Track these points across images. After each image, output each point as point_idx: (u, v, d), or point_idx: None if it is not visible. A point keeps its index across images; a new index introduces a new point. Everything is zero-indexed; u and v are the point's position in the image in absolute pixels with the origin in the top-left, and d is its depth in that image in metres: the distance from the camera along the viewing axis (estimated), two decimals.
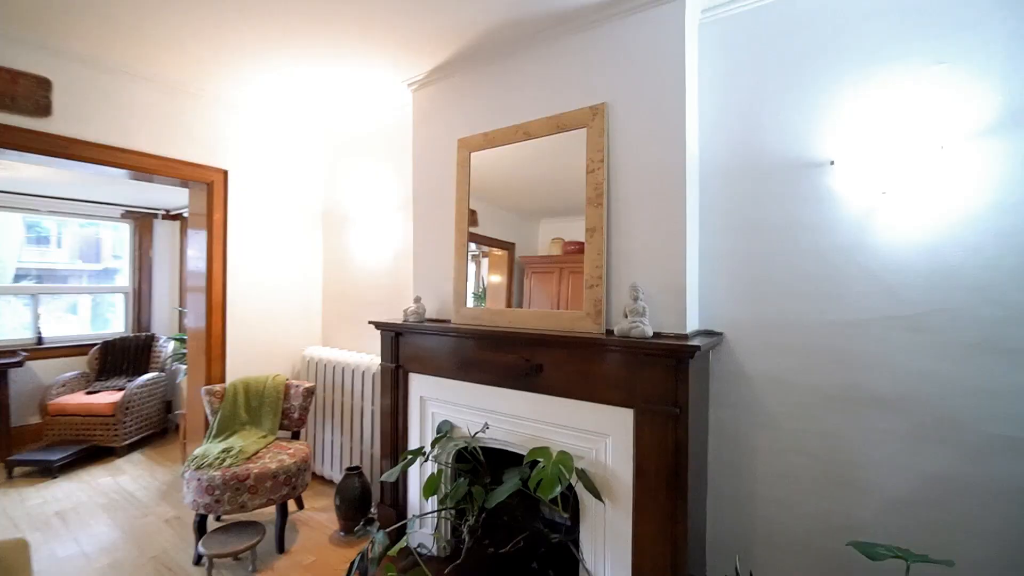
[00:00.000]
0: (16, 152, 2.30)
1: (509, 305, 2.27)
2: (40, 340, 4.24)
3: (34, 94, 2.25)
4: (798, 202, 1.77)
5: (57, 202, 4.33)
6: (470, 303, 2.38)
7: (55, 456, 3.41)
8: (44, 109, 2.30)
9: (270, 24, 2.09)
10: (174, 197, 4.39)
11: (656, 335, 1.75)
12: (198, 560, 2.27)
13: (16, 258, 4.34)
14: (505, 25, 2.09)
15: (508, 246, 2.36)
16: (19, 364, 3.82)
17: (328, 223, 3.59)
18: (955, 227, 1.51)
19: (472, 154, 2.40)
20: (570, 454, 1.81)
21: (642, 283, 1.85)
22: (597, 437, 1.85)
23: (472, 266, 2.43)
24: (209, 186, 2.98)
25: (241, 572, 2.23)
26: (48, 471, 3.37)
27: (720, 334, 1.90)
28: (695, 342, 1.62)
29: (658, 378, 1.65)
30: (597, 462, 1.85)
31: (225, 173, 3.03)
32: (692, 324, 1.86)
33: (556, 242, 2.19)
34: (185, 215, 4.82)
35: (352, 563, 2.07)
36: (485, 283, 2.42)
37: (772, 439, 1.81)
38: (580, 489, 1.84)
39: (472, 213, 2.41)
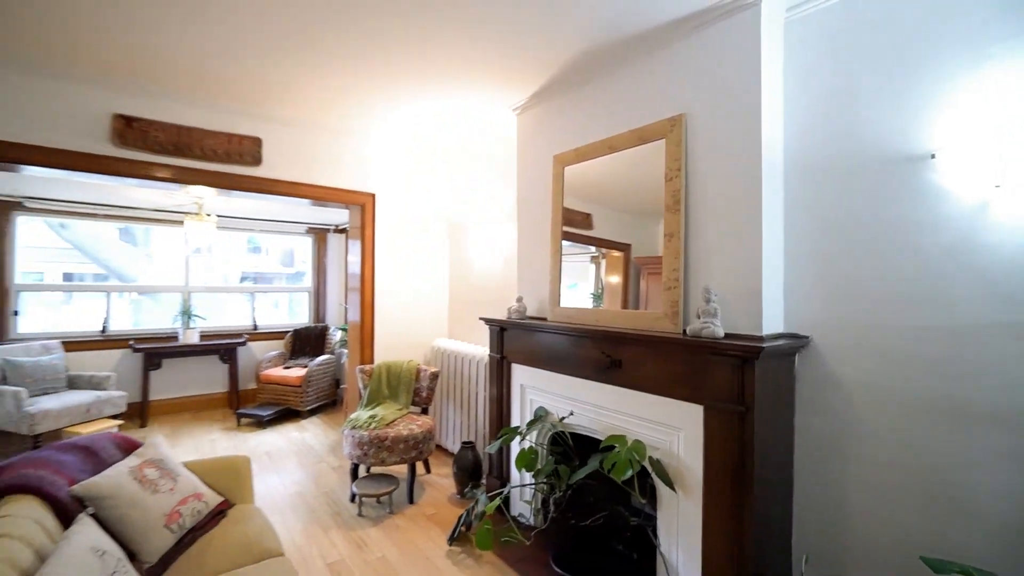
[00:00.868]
0: (240, 191, 3.25)
1: (625, 306, 2.36)
2: (255, 327, 5.64)
3: (251, 150, 3.15)
4: (894, 198, 1.66)
5: (264, 223, 5.69)
6: (587, 304, 2.56)
7: (264, 413, 4.57)
8: (257, 160, 3.19)
9: (404, 72, 2.59)
10: (342, 215, 5.44)
11: (729, 336, 1.81)
12: (352, 498, 2.94)
13: (241, 265, 5.84)
14: (591, 51, 2.29)
15: (624, 247, 2.43)
16: (243, 344, 5.18)
17: (453, 234, 4.16)
18: None
19: (566, 168, 2.66)
20: (644, 443, 1.96)
21: (718, 286, 1.92)
22: (671, 430, 1.97)
23: (592, 267, 2.61)
24: (362, 207, 3.74)
25: (381, 512, 2.83)
26: (260, 423, 4.55)
27: (805, 337, 1.86)
28: (766, 344, 1.66)
29: (724, 377, 1.73)
30: (671, 453, 1.97)
31: (373, 196, 3.76)
32: (775, 326, 1.87)
33: None
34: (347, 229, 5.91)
35: (460, 517, 2.52)
36: (603, 284, 2.55)
37: (865, 450, 1.73)
38: (656, 478, 1.98)
39: (587, 216, 2.57)
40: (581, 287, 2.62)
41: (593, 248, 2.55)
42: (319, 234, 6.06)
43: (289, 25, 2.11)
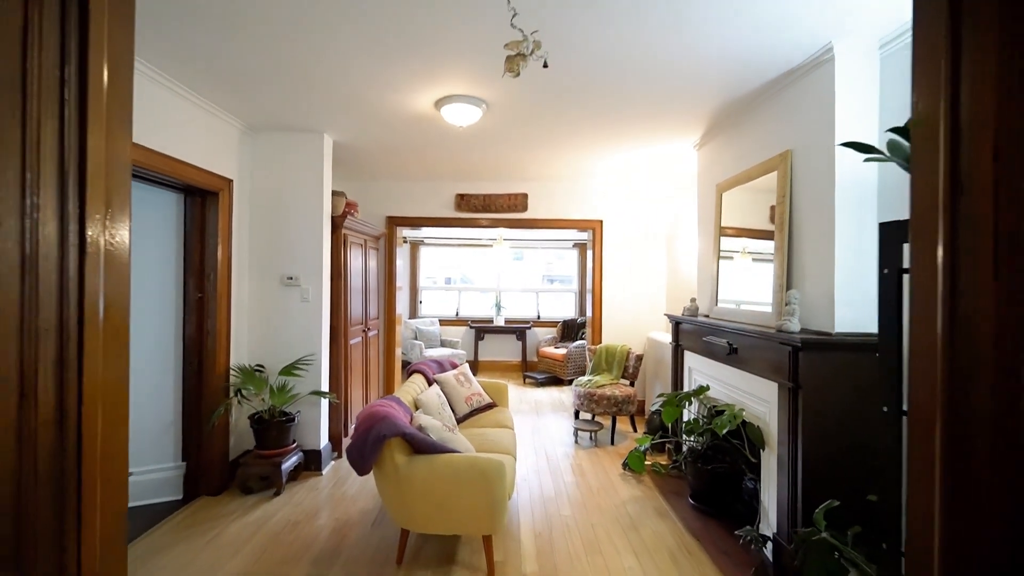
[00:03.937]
0: (517, 228, 5.13)
1: None
2: (538, 316, 7.81)
3: (522, 201, 4.98)
4: None
5: (547, 242, 7.80)
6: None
7: (540, 377, 6.54)
8: (525, 207, 5.00)
9: (619, 136, 3.81)
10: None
11: (805, 331, 2.28)
12: (574, 432, 4.34)
13: (541, 271, 8.16)
14: (730, 101, 2.94)
15: None
16: (529, 328, 7.36)
17: (669, 245, 5.02)
18: None
19: (723, 194, 3.29)
20: (743, 411, 2.59)
21: (810, 292, 2.36)
22: (765, 403, 2.51)
23: None
24: (594, 230, 5.10)
25: (589, 444, 4.12)
26: (536, 383, 6.54)
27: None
28: (801, 336, 2.11)
29: (785, 361, 2.24)
30: (766, 421, 2.52)
31: (601, 221, 5.06)
32: (867, 326, 2.19)
33: None
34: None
35: (632, 451, 3.56)
36: None
37: None
38: (750, 437, 2.55)
39: None
40: None
41: None
42: (581, 248, 7.77)
43: (546, 136, 3.67)
